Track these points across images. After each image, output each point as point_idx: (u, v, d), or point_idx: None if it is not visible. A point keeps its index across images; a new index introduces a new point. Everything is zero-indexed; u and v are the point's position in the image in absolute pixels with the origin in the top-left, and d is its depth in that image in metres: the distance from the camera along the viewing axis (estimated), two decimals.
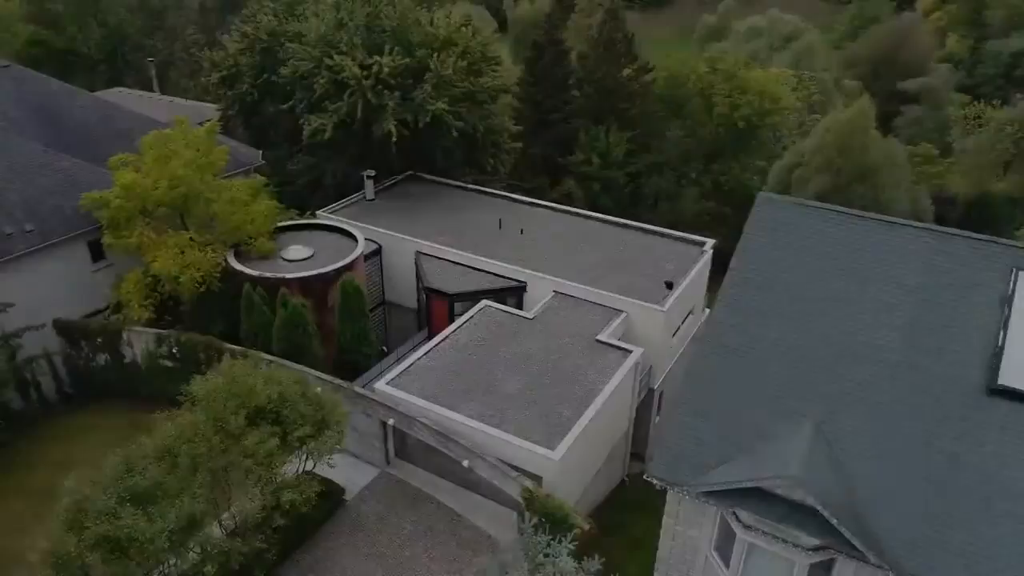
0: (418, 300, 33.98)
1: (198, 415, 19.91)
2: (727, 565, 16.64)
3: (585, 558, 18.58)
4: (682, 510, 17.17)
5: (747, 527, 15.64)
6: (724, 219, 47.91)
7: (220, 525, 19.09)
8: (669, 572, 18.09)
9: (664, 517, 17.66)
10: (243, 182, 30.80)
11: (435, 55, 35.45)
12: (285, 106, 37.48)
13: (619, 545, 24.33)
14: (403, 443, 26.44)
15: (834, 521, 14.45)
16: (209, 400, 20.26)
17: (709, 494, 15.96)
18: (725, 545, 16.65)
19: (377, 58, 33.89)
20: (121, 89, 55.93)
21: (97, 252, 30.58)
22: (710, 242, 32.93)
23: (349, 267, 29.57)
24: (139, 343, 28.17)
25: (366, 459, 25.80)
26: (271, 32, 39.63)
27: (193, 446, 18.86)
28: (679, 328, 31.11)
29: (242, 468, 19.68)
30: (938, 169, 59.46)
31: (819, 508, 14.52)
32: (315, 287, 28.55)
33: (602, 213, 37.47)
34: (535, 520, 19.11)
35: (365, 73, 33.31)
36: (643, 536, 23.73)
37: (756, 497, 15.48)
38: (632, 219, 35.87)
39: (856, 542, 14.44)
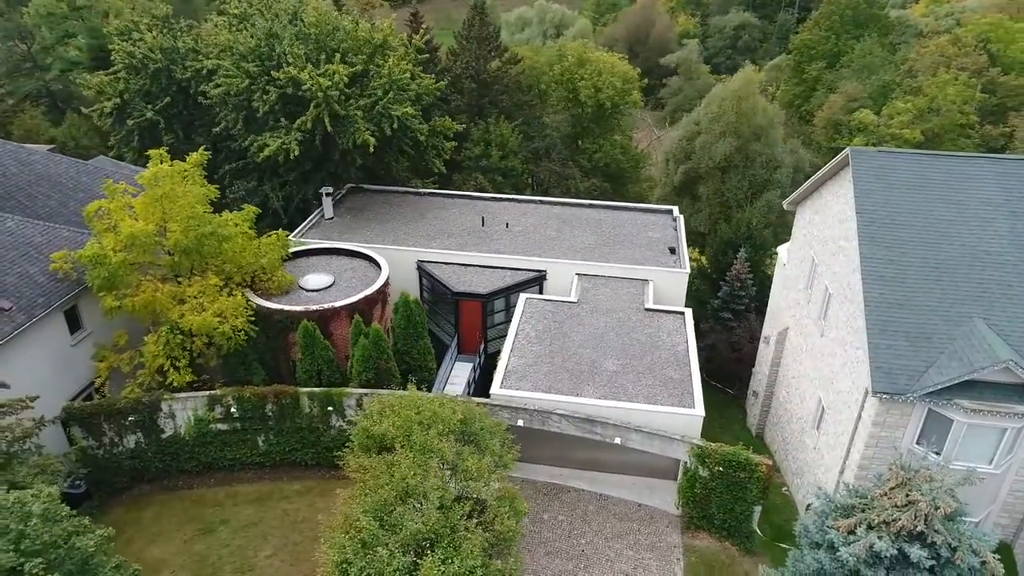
0: None
1: (409, 452, 18.65)
2: (938, 451, 19.93)
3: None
4: (889, 417, 20.13)
5: (970, 411, 19.01)
6: (606, 193, 52.14)
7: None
8: (869, 475, 20.96)
9: (869, 427, 20.47)
10: (238, 214, 27.67)
11: (378, 60, 34.34)
12: (217, 129, 33.65)
13: None
14: None
15: None
16: (406, 433, 19.08)
17: (930, 394, 19.08)
18: (934, 435, 19.87)
19: (331, 67, 31.98)
20: None
21: (73, 322, 25.72)
22: (675, 208, 36.29)
23: (387, 285, 28.32)
24: (183, 412, 24.43)
25: None
26: (165, 50, 35.08)
27: (438, 480, 17.79)
28: None
29: (475, 490, 19.00)
30: None
31: None
32: (364, 311, 26.94)
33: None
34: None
35: (328, 84, 31.32)
36: None
37: (966, 386, 18.93)
38: None
39: None
